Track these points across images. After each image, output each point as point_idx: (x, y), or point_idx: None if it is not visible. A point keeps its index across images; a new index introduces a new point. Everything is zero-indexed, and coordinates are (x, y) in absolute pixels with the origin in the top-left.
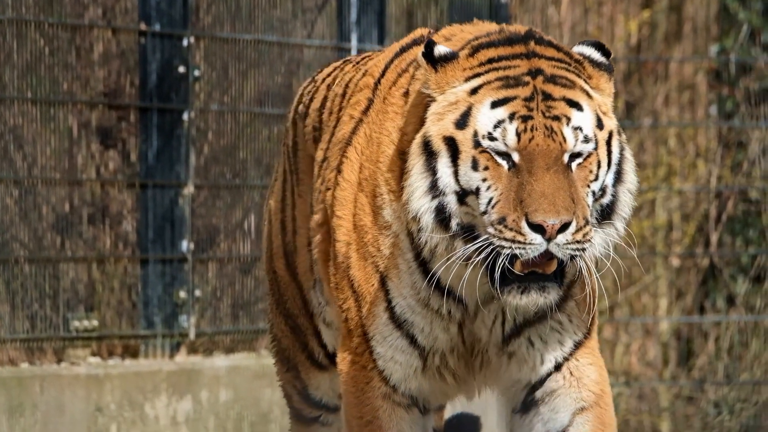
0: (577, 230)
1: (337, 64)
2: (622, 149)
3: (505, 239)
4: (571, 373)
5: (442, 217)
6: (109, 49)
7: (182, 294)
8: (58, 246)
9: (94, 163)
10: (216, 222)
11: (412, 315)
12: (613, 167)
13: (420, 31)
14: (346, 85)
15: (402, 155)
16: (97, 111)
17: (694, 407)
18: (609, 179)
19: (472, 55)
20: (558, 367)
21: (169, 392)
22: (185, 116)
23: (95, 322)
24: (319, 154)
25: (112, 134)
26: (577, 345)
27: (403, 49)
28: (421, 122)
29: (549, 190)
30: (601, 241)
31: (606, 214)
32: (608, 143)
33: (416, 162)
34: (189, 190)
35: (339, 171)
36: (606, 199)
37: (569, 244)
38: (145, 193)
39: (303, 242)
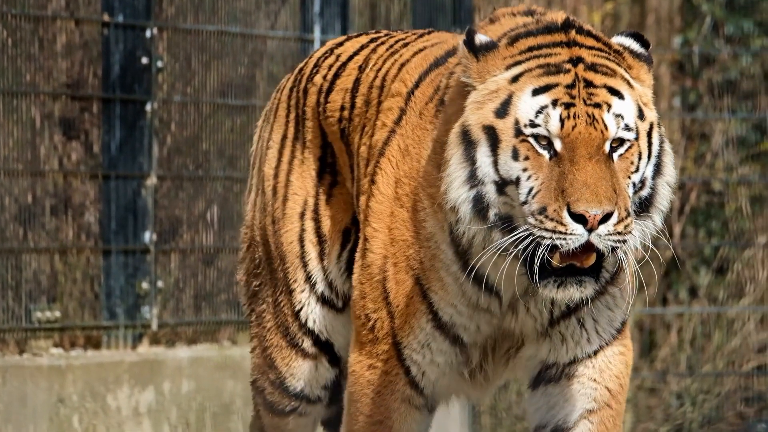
0: (619, 221)
1: (363, 41)
2: (662, 141)
3: (546, 229)
4: (599, 361)
5: (480, 207)
6: (72, 40)
7: (145, 285)
8: (20, 237)
9: (57, 154)
10: (179, 213)
11: (460, 318)
12: (653, 159)
13: (449, 40)
14: (384, 78)
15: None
16: (60, 102)
17: (657, 399)
18: (649, 171)
19: (511, 44)
20: (596, 352)
21: (131, 383)
22: (148, 107)
23: (57, 313)
24: (363, 151)
25: (75, 125)
26: (621, 326)
27: (438, 62)
28: (461, 112)
29: (591, 180)
30: (638, 233)
31: (644, 206)
32: (649, 135)
33: (455, 152)
34: (152, 181)
35: (373, 182)
36: (645, 192)
37: (611, 235)
38: (107, 184)
39: (294, 209)
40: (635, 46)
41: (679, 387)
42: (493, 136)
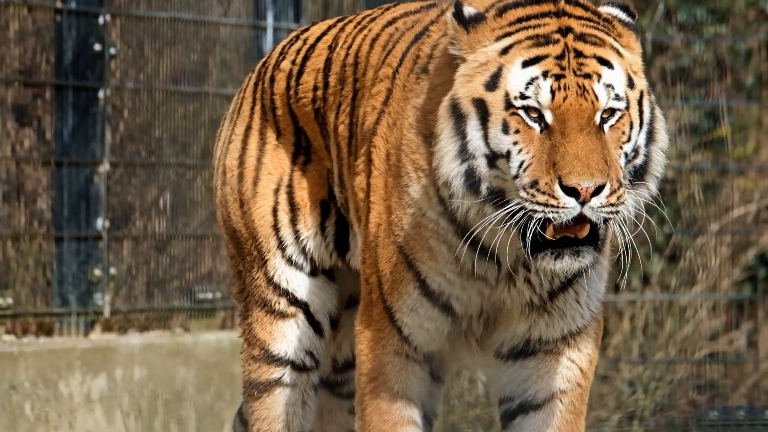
0: (611, 193)
1: (330, 22)
2: (653, 108)
3: (538, 203)
4: (575, 339)
5: (472, 181)
6: (25, 26)
7: (97, 272)
8: None
9: (9, 140)
10: (131, 200)
11: (451, 287)
12: (645, 127)
13: (421, 14)
14: (357, 54)
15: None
16: (13, 88)
17: (609, 386)
18: (641, 139)
19: (500, 15)
20: (574, 331)
21: (83, 370)
22: (101, 94)
23: (9, 300)
24: (342, 130)
25: (28, 112)
26: (599, 301)
27: (417, 37)
28: (450, 84)
29: (583, 152)
30: (632, 201)
31: (639, 174)
32: (640, 103)
33: (445, 125)
34: (104, 167)
35: (370, 160)
36: (639, 160)
37: (603, 207)
38: (60, 171)
39: (268, 186)
40: (623, 15)
41: (631, 374)
42: (483, 109)
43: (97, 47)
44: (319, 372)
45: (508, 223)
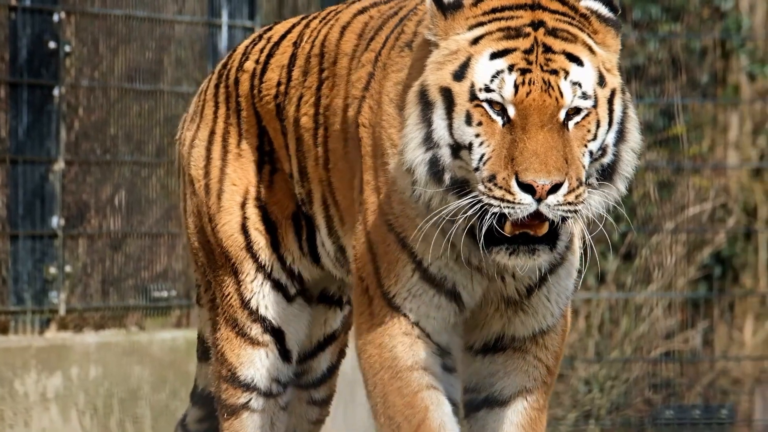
0: (569, 192)
1: (294, 20)
2: (625, 108)
3: (494, 197)
4: (544, 337)
5: (435, 169)
6: None
7: (52, 270)
8: None
9: None
10: (86, 198)
11: (452, 273)
12: (615, 126)
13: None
14: (323, 44)
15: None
16: None
17: (564, 384)
18: (610, 138)
19: (476, 4)
20: (543, 330)
21: (38, 368)
22: (56, 92)
23: None
24: (306, 121)
25: None
26: (567, 299)
27: (402, 20)
28: (423, 69)
29: (541, 149)
30: (599, 200)
31: (607, 173)
32: (610, 101)
33: (412, 112)
34: (59, 165)
35: (360, 153)
36: (607, 159)
37: (560, 205)
38: (15, 169)
39: (234, 199)
40: (603, 10)
41: (587, 373)
42: (449, 98)
43: (52, 45)
44: (287, 396)
45: (465, 215)
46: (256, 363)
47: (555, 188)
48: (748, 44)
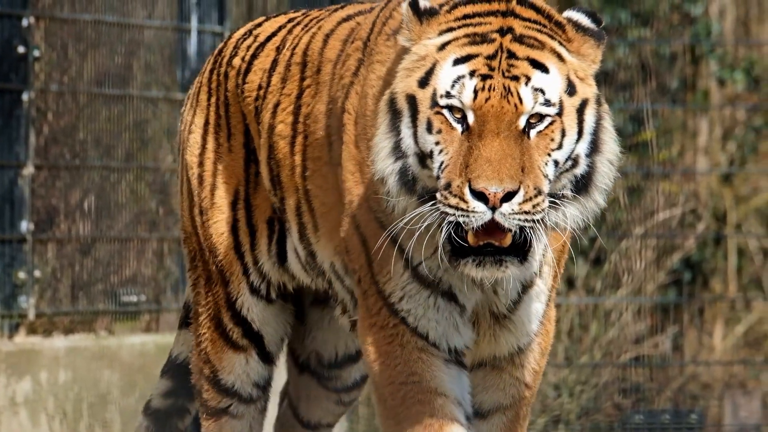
0: (525, 200)
1: (281, 21)
2: (599, 118)
3: (450, 205)
4: (520, 356)
5: (406, 179)
6: None
7: (21, 274)
8: None
9: None
10: (55, 202)
11: (445, 274)
12: (587, 137)
13: (370, 10)
14: (305, 53)
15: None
16: None
17: None
18: (581, 149)
19: (450, 11)
20: (517, 349)
21: (8, 373)
22: (25, 96)
23: None
24: (282, 128)
25: None
26: (543, 314)
27: (387, 4)
28: (395, 75)
29: (495, 157)
30: (576, 212)
31: (582, 185)
32: (580, 111)
33: (382, 120)
34: (29, 170)
35: (345, 132)
36: (580, 170)
37: (516, 214)
38: None
39: (226, 198)
40: (584, 20)
41: (557, 378)
42: (413, 106)
43: (21, 49)
44: (266, 398)
45: (425, 223)
46: (237, 369)
47: (509, 196)
48: (718, 49)
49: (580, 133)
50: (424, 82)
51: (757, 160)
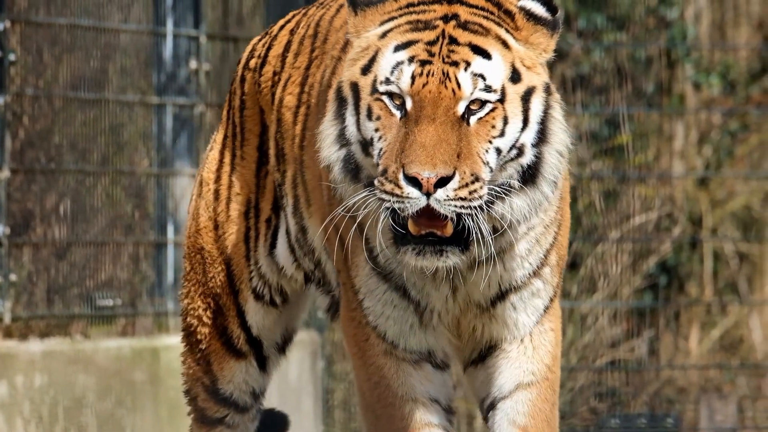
0: (461, 186)
1: (297, 11)
2: (547, 107)
3: (385, 192)
4: (531, 339)
5: (350, 167)
6: None
7: None
8: None
9: None
10: (31, 206)
11: (399, 266)
12: (534, 126)
13: None
14: (317, 25)
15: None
16: None
17: None
18: (527, 138)
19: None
20: (516, 338)
21: None
22: (0, 101)
23: None
24: (289, 100)
25: None
26: (546, 309)
27: None
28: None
29: (430, 142)
30: (523, 204)
31: (529, 175)
32: (525, 99)
33: (330, 109)
34: (4, 174)
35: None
36: (526, 160)
37: (451, 200)
38: None
39: (239, 210)
40: (537, 9)
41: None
42: (356, 94)
43: None
44: (258, 407)
45: (365, 211)
46: (237, 377)
47: (443, 182)
48: (694, 53)
49: (525, 122)
50: (366, 70)
51: (732, 164)
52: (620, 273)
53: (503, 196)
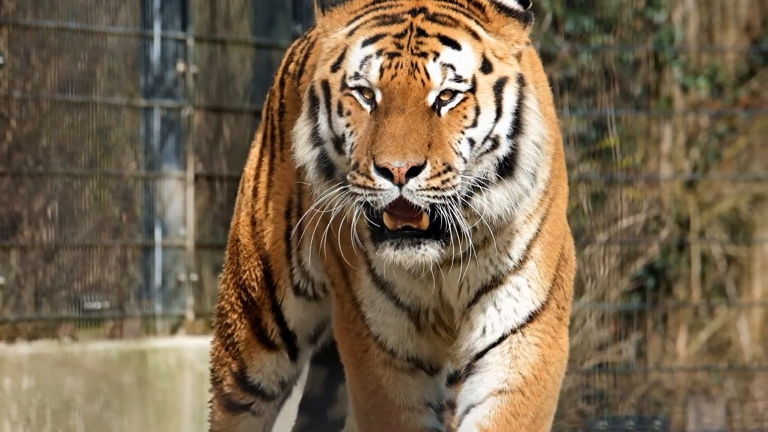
0: (433, 176)
1: None
2: (521, 98)
3: (358, 185)
4: (510, 349)
5: (324, 166)
6: None
7: None
8: None
9: None
10: (19, 209)
11: (391, 275)
12: (508, 116)
13: None
14: None
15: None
16: None
17: None
18: (502, 129)
19: None
20: (502, 339)
21: None
22: None
23: None
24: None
25: None
26: (532, 317)
27: None
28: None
29: (400, 132)
30: (502, 196)
31: (506, 168)
32: (498, 89)
33: (304, 109)
34: None
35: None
36: (502, 151)
37: (424, 190)
38: None
39: (279, 209)
40: (509, 1)
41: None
42: (327, 92)
43: None
44: (285, 394)
45: (339, 207)
46: (266, 368)
47: (414, 171)
48: (681, 56)
49: (498, 112)
50: (335, 67)
51: (720, 167)
52: (608, 275)
53: (481, 189)
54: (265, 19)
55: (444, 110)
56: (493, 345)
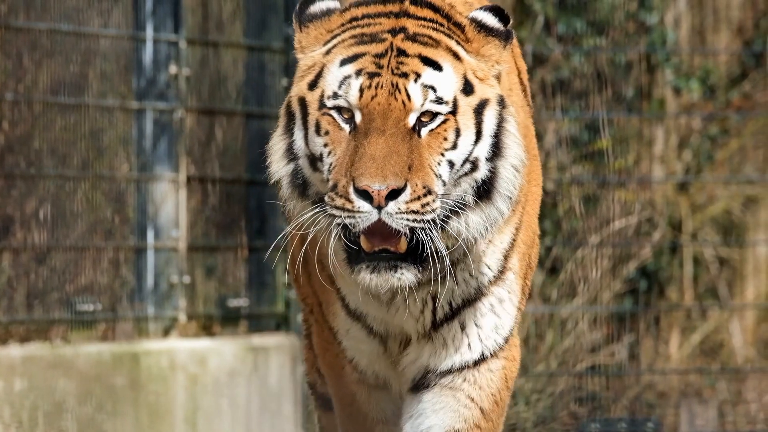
0: (413, 199)
1: None
2: (501, 121)
3: (336, 207)
4: (474, 375)
5: (297, 182)
6: None
7: None
8: None
9: None
10: (11, 211)
11: (365, 306)
12: (488, 139)
13: None
14: None
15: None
16: None
17: None
18: (481, 152)
19: (342, 13)
20: (477, 363)
21: None
22: None
23: None
24: None
25: None
26: (505, 339)
27: None
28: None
29: (380, 154)
30: (479, 220)
31: (484, 191)
32: (478, 111)
33: (280, 124)
34: None
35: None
36: (481, 174)
37: (403, 213)
38: None
39: None
40: (488, 19)
41: (513, 387)
42: (304, 109)
43: None
44: None
45: (316, 228)
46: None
47: (394, 194)
48: (674, 58)
49: (478, 134)
50: (313, 85)
51: (713, 169)
52: (600, 278)
53: (458, 212)
54: (257, 22)
55: (424, 132)
56: (461, 368)
